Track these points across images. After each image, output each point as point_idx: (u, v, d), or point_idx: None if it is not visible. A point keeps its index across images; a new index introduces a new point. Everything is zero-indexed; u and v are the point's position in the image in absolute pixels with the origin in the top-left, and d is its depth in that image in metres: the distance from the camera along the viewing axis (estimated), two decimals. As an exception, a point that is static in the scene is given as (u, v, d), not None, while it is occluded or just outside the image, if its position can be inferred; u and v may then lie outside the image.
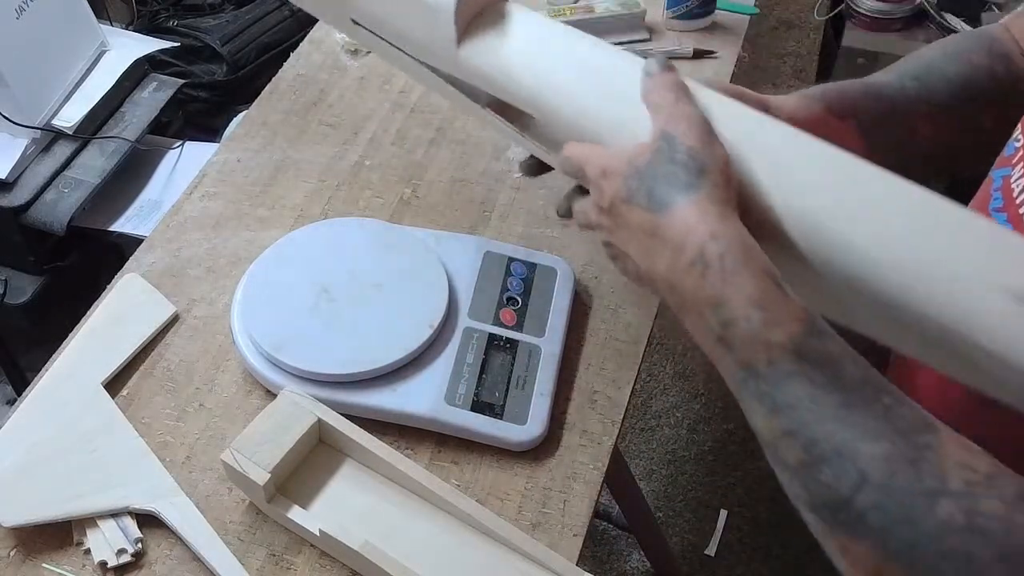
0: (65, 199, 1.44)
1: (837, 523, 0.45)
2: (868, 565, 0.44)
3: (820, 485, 0.46)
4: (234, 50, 1.84)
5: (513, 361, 0.77)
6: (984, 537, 0.41)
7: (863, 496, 0.44)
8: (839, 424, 0.46)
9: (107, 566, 0.68)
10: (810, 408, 0.47)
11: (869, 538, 0.44)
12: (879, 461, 0.44)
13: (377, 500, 0.71)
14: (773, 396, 0.48)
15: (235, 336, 0.79)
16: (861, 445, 0.45)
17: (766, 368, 0.49)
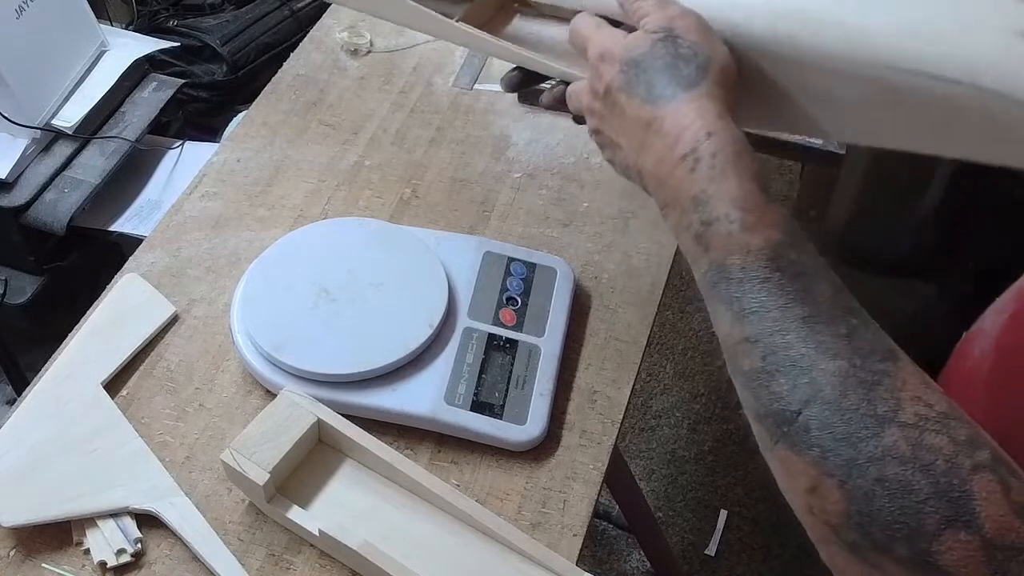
0: (65, 199, 1.44)
1: (782, 435, 0.46)
2: (805, 480, 0.45)
3: (771, 395, 0.46)
4: (234, 50, 1.84)
5: (513, 361, 0.77)
6: (925, 471, 0.41)
7: (811, 411, 0.44)
8: (800, 337, 0.46)
9: (107, 566, 0.68)
10: (775, 317, 0.47)
11: (810, 453, 0.44)
12: (833, 378, 0.44)
13: (377, 500, 0.71)
14: (741, 301, 0.48)
15: (235, 336, 0.79)
16: (818, 360, 0.45)
17: (739, 271, 0.49)
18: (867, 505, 0.42)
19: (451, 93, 1.06)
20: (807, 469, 0.44)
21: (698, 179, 0.51)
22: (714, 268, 0.50)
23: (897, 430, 0.42)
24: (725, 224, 0.49)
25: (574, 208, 0.94)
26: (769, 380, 0.46)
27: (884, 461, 0.42)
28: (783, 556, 1.62)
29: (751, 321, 0.48)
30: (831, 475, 0.43)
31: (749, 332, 0.48)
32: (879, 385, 0.44)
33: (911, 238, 1.96)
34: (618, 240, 0.91)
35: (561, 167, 0.97)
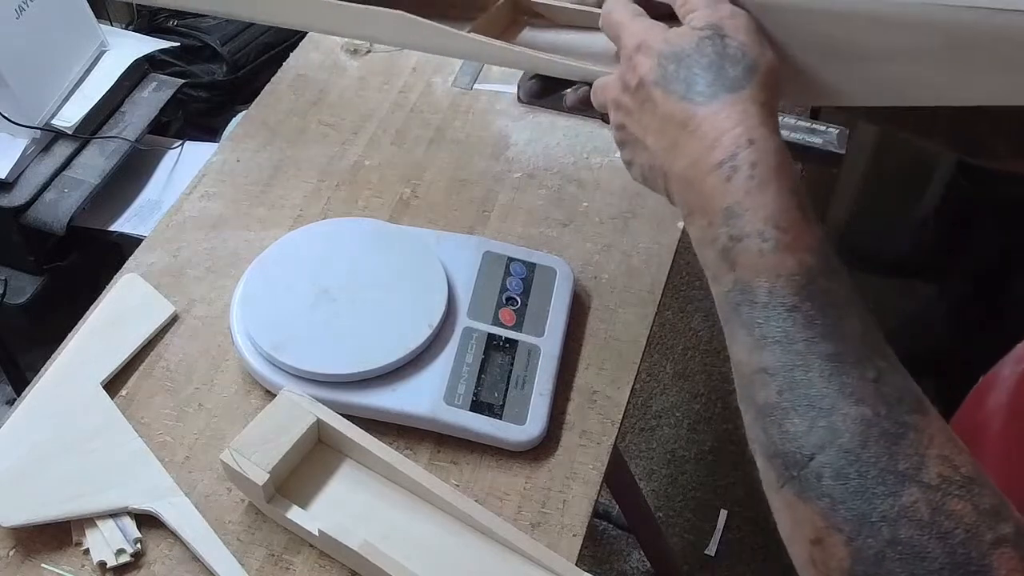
0: (65, 199, 1.44)
1: (790, 478, 0.42)
2: (810, 530, 0.42)
3: (783, 434, 0.43)
4: (234, 50, 1.84)
5: (512, 361, 0.77)
6: (942, 539, 0.38)
7: (825, 457, 0.41)
8: (823, 376, 0.43)
9: (106, 566, 0.68)
10: (799, 351, 0.44)
11: (819, 503, 0.41)
12: (855, 425, 0.41)
13: (376, 500, 0.71)
14: (763, 327, 0.45)
15: (234, 336, 0.79)
16: (840, 404, 0.42)
17: (765, 295, 0.45)
18: (874, 568, 0.39)
19: (451, 93, 1.06)
20: (813, 519, 0.41)
21: (733, 189, 0.47)
22: (738, 288, 0.46)
23: (917, 490, 0.39)
24: (757, 242, 0.46)
25: (574, 208, 0.93)
26: (783, 418, 0.43)
27: (899, 523, 0.39)
28: (783, 556, 1.61)
29: (772, 351, 0.44)
30: (839, 529, 0.40)
31: (768, 363, 0.44)
32: (903, 439, 0.41)
33: (911, 238, 1.96)
34: (618, 240, 0.91)
35: (561, 167, 0.97)
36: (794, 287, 0.45)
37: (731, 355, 0.47)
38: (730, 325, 0.47)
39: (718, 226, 0.48)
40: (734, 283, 0.47)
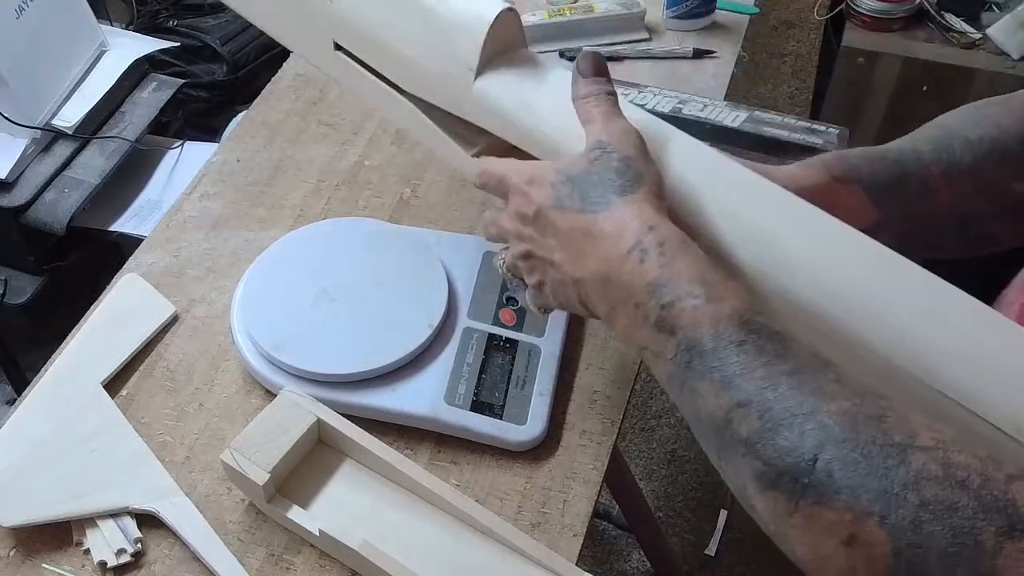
0: (65, 199, 1.44)
1: (803, 489, 0.42)
2: (840, 530, 0.41)
3: (779, 451, 0.43)
4: (234, 50, 1.84)
5: (513, 361, 0.77)
6: (963, 487, 0.39)
7: (827, 454, 0.42)
8: (792, 387, 0.44)
9: (107, 566, 0.68)
10: (762, 375, 0.45)
11: (839, 498, 0.41)
12: (840, 417, 0.43)
13: (376, 500, 0.71)
14: (721, 369, 0.46)
15: (235, 336, 0.79)
16: (819, 404, 0.43)
17: (712, 342, 0.47)
18: (915, 535, 0.39)
19: (451, 93, 1.06)
20: (840, 517, 0.41)
21: (650, 268, 0.51)
22: (683, 348, 0.48)
23: (921, 454, 0.41)
24: (689, 300, 0.49)
25: (574, 208, 0.93)
26: (773, 436, 0.44)
27: (920, 485, 0.40)
28: (783, 556, 1.61)
29: (737, 386, 0.46)
30: (869, 514, 0.40)
31: (738, 397, 0.45)
32: (886, 418, 0.42)
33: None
34: (618, 240, 0.91)
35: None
36: (735, 325, 0.47)
37: (696, 416, 0.49)
38: (686, 387, 0.49)
39: (646, 303, 0.50)
40: (678, 345, 0.49)
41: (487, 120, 0.68)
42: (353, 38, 0.74)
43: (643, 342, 0.51)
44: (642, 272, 0.51)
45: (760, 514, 0.45)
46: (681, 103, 1.01)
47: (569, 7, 1.14)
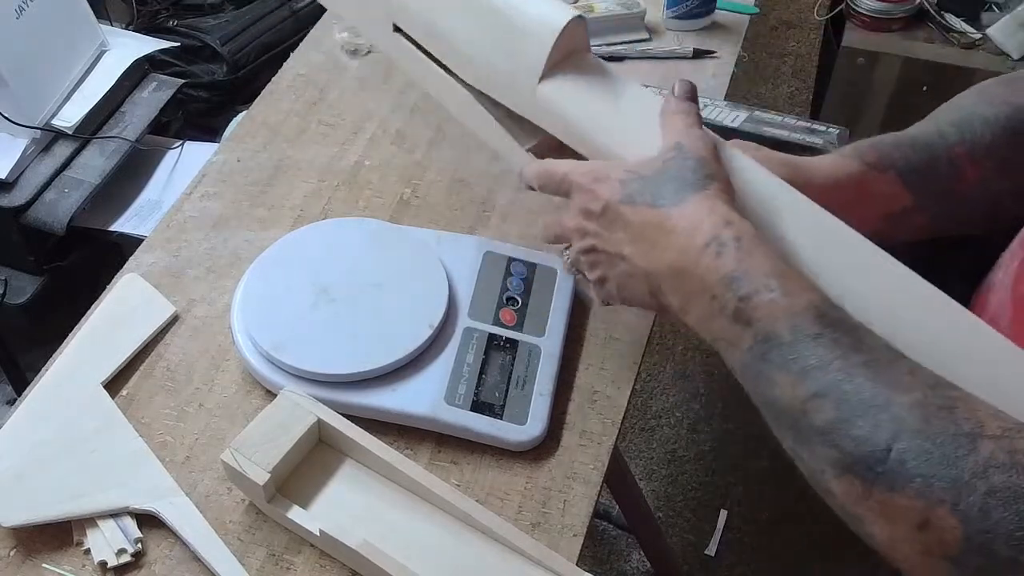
0: (65, 199, 1.44)
1: (876, 478, 0.45)
2: (913, 516, 0.44)
3: (854, 440, 0.45)
4: (234, 50, 1.84)
5: (513, 361, 0.77)
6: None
7: (901, 444, 0.44)
8: (868, 379, 0.46)
9: (107, 566, 0.68)
10: (838, 367, 0.47)
11: (912, 486, 0.43)
12: (913, 409, 0.44)
13: (377, 500, 0.71)
14: (799, 361, 0.48)
15: (235, 336, 0.79)
16: (893, 396, 0.45)
17: (790, 335, 0.49)
18: (983, 522, 0.41)
19: (451, 93, 1.06)
20: (913, 503, 0.43)
21: (727, 261, 0.52)
22: (760, 339, 0.50)
23: (990, 443, 0.43)
24: (766, 294, 0.50)
25: (574, 208, 0.93)
26: (849, 427, 0.46)
27: (988, 473, 0.42)
28: (783, 556, 1.62)
29: (814, 377, 0.48)
30: (941, 501, 0.43)
31: (815, 388, 0.47)
32: (956, 409, 0.44)
33: (911, 238, 1.95)
34: (618, 240, 0.91)
35: (561, 167, 0.97)
36: (812, 318, 0.49)
37: (771, 404, 0.50)
38: (762, 377, 0.50)
39: (722, 295, 0.52)
40: (754, 336, 0.50)
41: (547, 122, 0.69)
42: (413, 23, 0.74)
43: (718, 333, 0.53)
44: (719, 265, 0.52)
45: (836, 497, 0.48)
46: (681, 103, 1.01)
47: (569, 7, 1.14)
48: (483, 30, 0.70)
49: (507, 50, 0.68)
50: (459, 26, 0.71)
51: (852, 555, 1.78)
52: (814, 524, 1.64)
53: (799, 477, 0.53)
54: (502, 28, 0.68)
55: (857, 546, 0.50)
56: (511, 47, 0.68)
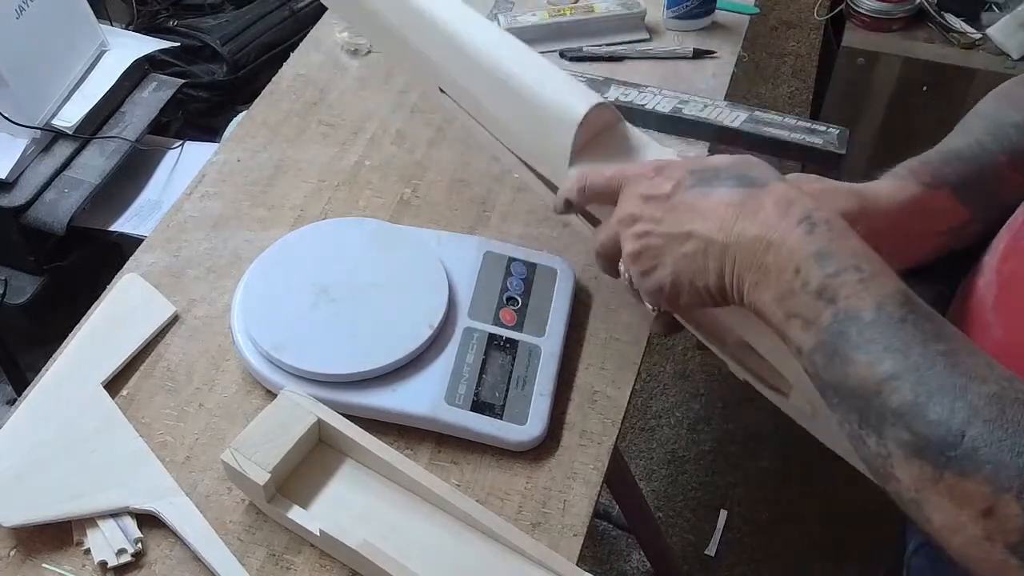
0: (65, 199, 1.44)
1: (948, 460, 0.45)
2: (980, 502, 0.45)
3: (928, 423, 0.46)
4: (234, 50, 1.84)
5: (513, 361, 0.77)
6: None
7: (974, 430, 0.45)
8: (947, 367, 0.47)
9: (107, 566, 0.68)
10: (919, 352, 0.48)
11: (981, 472, 0.44)
12: (989, 399, 0.45)
13: (377, 500, 0.71)
14: (880, 341, 0.49)
15: (235, 336, 0.79)
16: (970, 384, 0.46)
17: (873, 315, 0.49)
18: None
19: (451, 93, 1.06)
20: (980, 489, 0.44)
21: (818, 239, 0.52)
22: (842, 316, 0.51)
23: None
24: (854, 273, 0.51)
25: (574, 208, 0.93)
26: (924, 410, 0.46)
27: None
28: (783, 556, 1.62)
29: (894, 359, 0.48)
30: (1007, 489, 0.43)
31: (894, 370, 0.48)
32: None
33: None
34: (618, 240, 0.91)
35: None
36: (897, 303, 0.50)
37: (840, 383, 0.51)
38: (837, 355, 0.51)
39: (809, 270, 0.52)
40: (834, 315, 0.51)
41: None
42: (456, 92, 0.79)
43: (796, 309, 0.53)
44: (810, 241, 0.52)
45: (901, 481, 0.48)
46: (681, 103, 1.01)
47: (569, 7, 1.14)
48: (515, 112, 0.72)
49: (537, 132, 0.71)
50: (494, 104, 0.74)
51: (852, 555, 1.79)
52: (814, 524, 1.64)
53: (799, 477, 0.53)
54: (530, 113, 0.70)
55: (857, 546, 0.50)
56: (540, 131, 0.71)
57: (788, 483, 1.69)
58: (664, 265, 0.59)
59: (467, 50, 0.74)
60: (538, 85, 0.70)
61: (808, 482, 1.67)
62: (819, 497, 1.66)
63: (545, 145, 0.71)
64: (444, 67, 0.78)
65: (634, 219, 0.60)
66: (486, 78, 0.73)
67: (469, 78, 0.76)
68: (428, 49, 0.79)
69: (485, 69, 0.73)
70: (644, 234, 0.60)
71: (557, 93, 0.69)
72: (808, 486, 1.67)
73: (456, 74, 0.77)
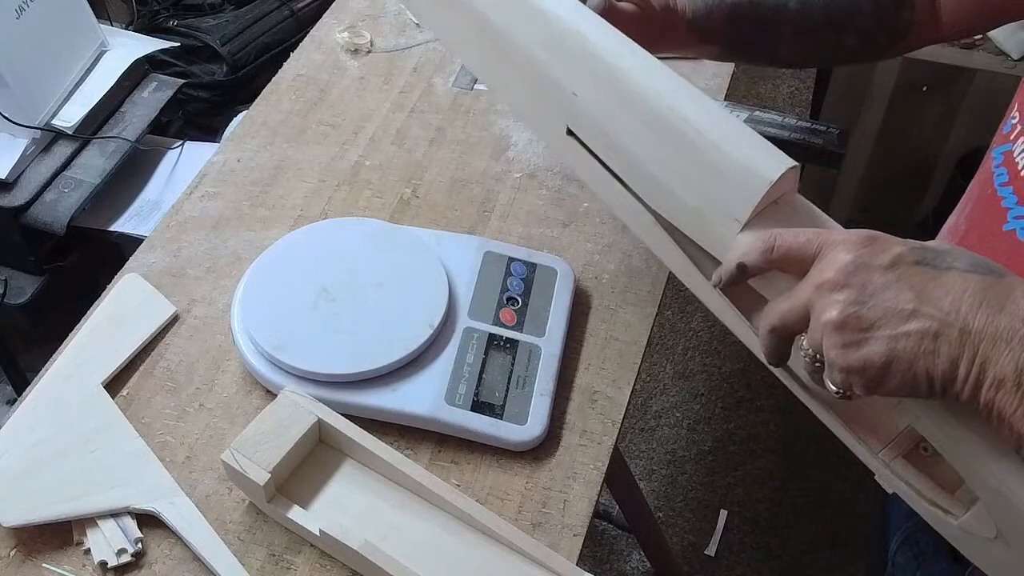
0: (65, 199, 1.44)
1: None
2: None
3: None
4: (234, 50, 1.84)
5: (513, 361, 0.77)
6: None
7: None
8: None
9: (107, 566, 0.68)
10: None
11: None
12: None
13: (377, 500, 0.71)
14: None
15: (235, 336, 0.79)
16: None
17: None
18: None
19: (451, 93, 1.06)
20: None
21: None
22: None
23: None
24: None
25: (574, 208, 0.94)
26: None
27: None
28: (783, 556, 1.62)
29: None
30: None
31: None
32: None
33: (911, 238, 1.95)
34: (618, 240, 0.91)
35: (561, 167, 0.97)
36: None
37: None
38: None
39: None
40: None
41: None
42: (592, 133, 0.69)
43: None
44: None
45: None
46: (681, 103, 1.01)
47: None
48: (677, 162, 0.63)
49: (705, 191, 0.62)
50: (647, 151, 0.65)
51: (852, 555, 1.79)
52: (814, 524, 1.64)
53: (799, 477, 0.52)
54: (700, 165, 0.61)
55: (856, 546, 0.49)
56: (711, 189, 0.61)
57: (788, 483, 1.69)
58: (877, 340, 0.50)
59: (631, 88, 0.64)
60: (725, 137, 0.61)
61: (808, 482, 1.67)
62: (819, 497, 1.66)
63: (711, 206, 0.62)
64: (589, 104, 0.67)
65: (840, 285, 0.51)
66: (650, 122, 0.64)
67: (624, 120, 0.65)
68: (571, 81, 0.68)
69: (655, 112, 0.63)
70: (855, 302, 0.51)
71: (748, 148, 0.60)
72: (808, 486, 1.67)
73: (605, 114, 0.67)
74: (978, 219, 0.66)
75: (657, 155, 0.64)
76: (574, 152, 0.71)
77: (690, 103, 0.62)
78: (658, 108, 0.63)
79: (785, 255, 0.55)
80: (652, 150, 0.64)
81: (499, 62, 0.74)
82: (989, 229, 0.63)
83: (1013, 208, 0.59)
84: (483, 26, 0.72)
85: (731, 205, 0.60)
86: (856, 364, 0.51)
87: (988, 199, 0.63)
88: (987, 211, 0.63)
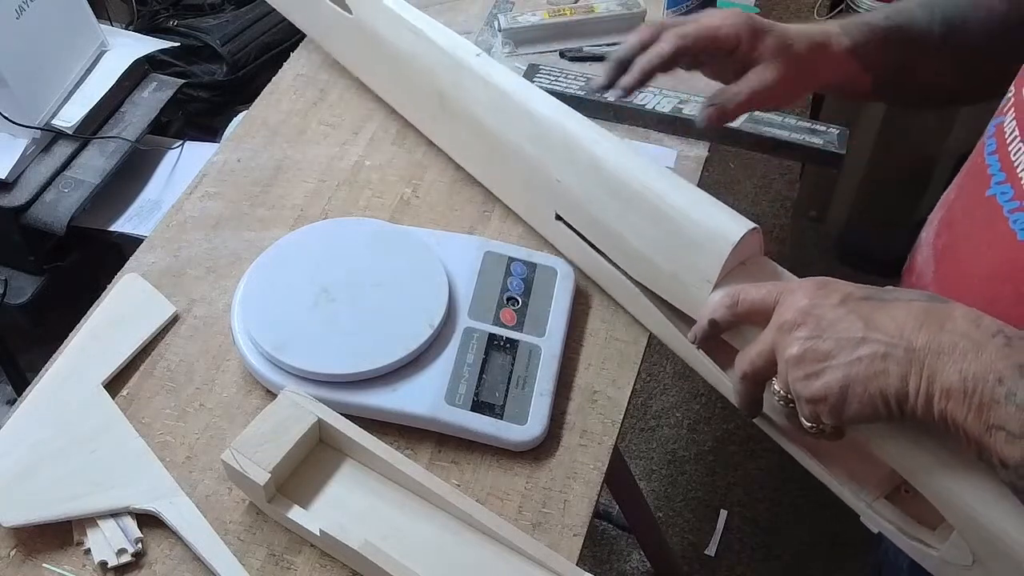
0: (65, 199, 1.44)
1: None
2: None
3: None
4: (234, 50, 1.84)
5: (513, 361, 0.77)
6: None
7: None
8: None
9: (107, 566, 0.68)
10: None
11: None
12: None
13: (377, 500, 0.71)
14: None
15: (235, 336, 0.79)
16: None
17: None
18: None
19: (451, 93, 1.06)
20: None
21: (1017, 352, 0.50)
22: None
23: None
24: None
25: (574, 208, 0.93)
26: None
27: None
28: (783, 556, 1.62)
29: None
30: None
31: None
32: None
33: (911, 238, 1.96)
34: (618, 240, 0.91)
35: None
36: None
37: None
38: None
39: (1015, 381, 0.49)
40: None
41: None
42: (577, 215, 0.78)
43: (999, 421, 0.50)
44: (1009, 353, 0.50)
45: None
46: (681, 103, 1.01)
47: (569, 7, 1.14)
48: (651, 232, 0.72)
49: (678, 257, 0.70)
50: (625, 226, 0.74)
51: (852, 555, 1.79)
52: (814, 524, 1.64)
53: (799, 477, 0.53)
54: (674, 235, 0.70)
55: (856, 546, 0.49)
56: (683, 255, 0.69)
57: (788, 483, 1.69)
58: (833, 368, 0.54)
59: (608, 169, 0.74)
60: (692, 207, 0.69)
61: (808, 482, 1.67)
62: (819, 497, 1.66)
63: (686, 271, 0.69)
64: (572, 187, 0.77)
65: (798, 324, 0.56)
66: (627, 199, 0.72)
67: (603, 199, 0.75)
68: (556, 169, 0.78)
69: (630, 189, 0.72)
70: (811, 336, 0.55)
71: (711, 215, 0.69)
72: (808, 486, 1.67)
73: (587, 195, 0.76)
74: (965, 185, 0.68)
75: (634, 228, 0.73)
76: (563, 235, 0.81)
77: (660, 180, 0.72)
78: (632, 185, 0.72)
79: (750, 308, 0.61)
80: (629, 224, 0.73)
81: (494, 163, 0.85)
82: (973, 194, 0.66)
83: (996, 175, 0.62)
84: (479, 130, 0.83)
85: (702, 267, 0.68)
86: (819, 393, 0.55)
87: (977, 167, 0.66)
88: (974, 177, 0.66)
